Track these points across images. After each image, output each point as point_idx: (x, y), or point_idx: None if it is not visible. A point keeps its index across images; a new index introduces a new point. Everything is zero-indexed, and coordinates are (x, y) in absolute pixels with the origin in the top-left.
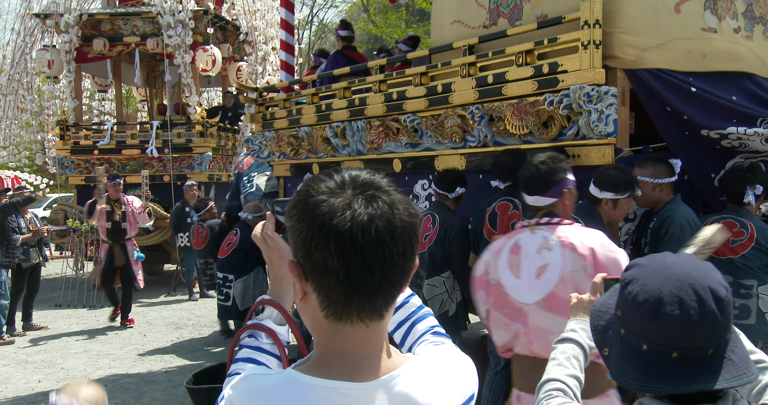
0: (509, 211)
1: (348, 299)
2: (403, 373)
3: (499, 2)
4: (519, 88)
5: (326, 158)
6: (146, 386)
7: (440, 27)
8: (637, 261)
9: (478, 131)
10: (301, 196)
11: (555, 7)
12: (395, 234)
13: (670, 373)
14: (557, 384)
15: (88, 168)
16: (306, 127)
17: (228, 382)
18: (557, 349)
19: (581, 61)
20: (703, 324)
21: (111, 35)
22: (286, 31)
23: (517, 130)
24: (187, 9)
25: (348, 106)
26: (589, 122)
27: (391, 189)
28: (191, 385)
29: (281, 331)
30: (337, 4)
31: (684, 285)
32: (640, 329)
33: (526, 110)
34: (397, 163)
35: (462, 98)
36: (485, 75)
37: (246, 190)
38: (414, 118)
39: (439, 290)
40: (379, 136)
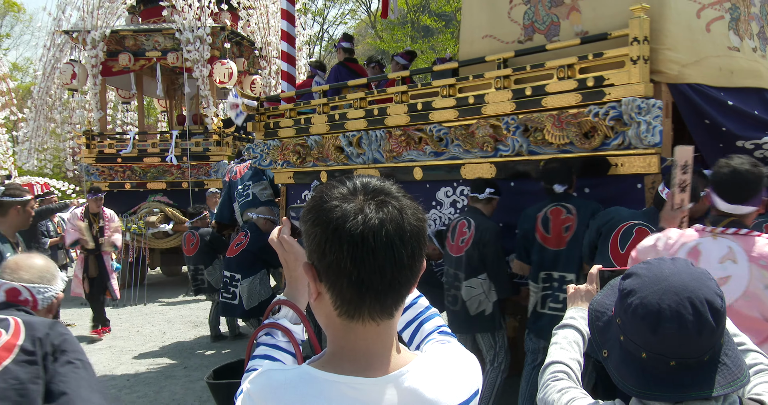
0: (562, 216)
1: (360, 299)
2: (412, 370)
3: (534, 19)
4: (560, 100)
5: (336, 166)
6: (166, 381)
7: (470, 41)
8: (635, 269)
9: (512, 141)
10: (315, 202)
11: (597, 24)
12: (404, 237)
13: (668, 381)
14: (562, 366)
15: (112, 175)
16: (316, 136)
17: (246, 377)
18: (558, 334)
19: (630, 75)
20: (701, 336)
21: (134, 50)
22: (287, 43)
23: (557, 140)
24: (206, 26)
25: (365, 116)
26: (639, 133)
27: (400, 195)
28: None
29: (296, 329)
30: (346, 21)
31: (682, 298)
32: (640, 339)
33: (568, 121)
34: (417, 171)
35: (496, 109)
36: (523, 87)
37: (242, 199)
38: (441, 128)
39: (476, 291)
40: (399, 145)
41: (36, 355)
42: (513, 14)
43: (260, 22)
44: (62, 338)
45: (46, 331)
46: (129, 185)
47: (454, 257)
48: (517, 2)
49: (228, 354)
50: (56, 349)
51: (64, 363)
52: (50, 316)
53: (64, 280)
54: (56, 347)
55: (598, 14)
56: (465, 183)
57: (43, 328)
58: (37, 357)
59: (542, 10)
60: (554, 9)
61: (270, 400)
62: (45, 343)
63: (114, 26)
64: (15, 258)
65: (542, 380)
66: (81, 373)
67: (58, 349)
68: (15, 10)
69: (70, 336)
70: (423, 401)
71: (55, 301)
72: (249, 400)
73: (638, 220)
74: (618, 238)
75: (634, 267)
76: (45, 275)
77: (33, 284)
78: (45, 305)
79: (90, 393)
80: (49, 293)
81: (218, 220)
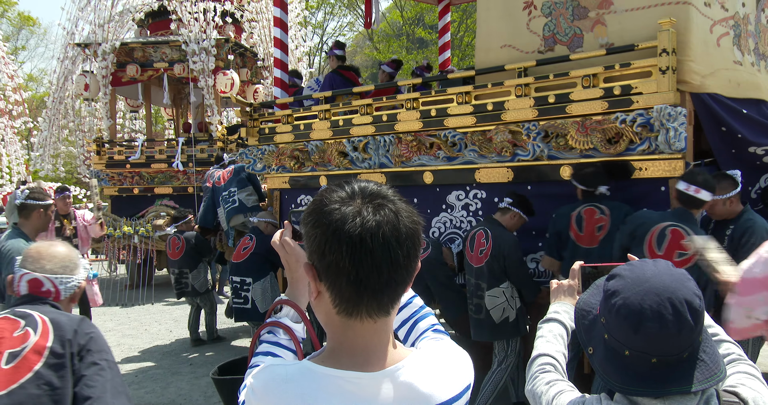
0: (595, 215)
1: (358, 297)
2: (407, 365)
3: (555, 31)
4: (585, 107)
5: (338, 171)
6: (173, 377)
7: (486, 50)
8: (619, 271)
9: (533, 146)
10: (315, 205)
11: (623, 36)
12: (400, 238)
13: (650, 377)
14: (549, 359)
15: (121, 180)
16: (317, 141)
17: (249, 372)
18: (544, 328)
19: (659, 84)
20: (680, 335)
21: (142, 62)
22: (280, 50)
23: (580, 145)
24: (210, 38)
25: (373, 122)
26: (668, 139)
27: (395, 199)
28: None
29: (297, 328)
30: (344, 33)
31: (663, 299)
32: (623, 338)
33: (593, 127)
34: (428, 175)
35: (517, 116)
36: (545, 95)
37: (228, 205)
38: (456, 134)
39: (500, 300)
40: (410, 150)
41: (65, 357)
42: (532, 26)
43: (262, 34)
44: (88, 337)
45: (73, 331)
46: (137, 190)
47: (475, 268)
48: (536, 14)
49: (235, 349)
50: (82, 348)
51: (90, 364)
52: (72, 305)
53: (86, 267)
54: (82, 347)
55: (624, 28)
56: (478, 187)
57: (71, 328)
58: (66, 359)
59: (564, 22)
60: (577, 22)
61: (272, 394)
62: (73, 344)
63: (123, 39)
64: (37, 246)
65: (530, 372)
66: (106, 375)
67: (84, 348)
68: (30, 24)
69: (97, 334)
70: (418, 395)
71: (77, 291)
72: (252, 394)
73: (669, 222)
74: (653, 240)
75: (618, 269)
76: (68, 265)
77: (56, 275)
78: (67, 295)
79: (114, 397)
80: (71, 283)
81: (202, 224)
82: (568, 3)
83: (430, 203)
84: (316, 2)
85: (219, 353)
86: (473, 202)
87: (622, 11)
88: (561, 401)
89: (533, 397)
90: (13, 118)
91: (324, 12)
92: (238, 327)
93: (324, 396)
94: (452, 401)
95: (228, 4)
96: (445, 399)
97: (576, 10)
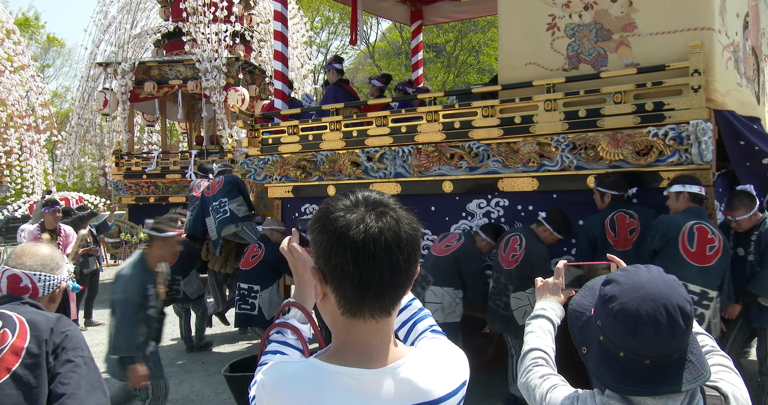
0: (626, 220)
1: (361, 298)
2: (407, 362)
3: (579, 50)
4: (617, 121)
5: (348, 180)
6: (185, 375)
7: (510, 67)
8: (614, 277)
9: (561, 157)
10: (322, 213)
11: (648, 58)
12: (401, 244)
13: (643, 377)
14: (541, 353)
15: (138, 190)
16: (328, 152)
17: (259, 370)
18: (533, 323)
19: (692, 101)
20: (673, 338)
21: (158, 79)
22: (280, 62)
23: (611, 156)
24: (222, 57)
25: (391, 133)
26: (701, 151)
27: (397, 207)
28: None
29: (304, 328)
30: (347, 51)
31: (658, 305)
32: (619, 341)
33: (624, 140)
34: (447, 184)
35: (545, 129)
36: (575, 109)
37: (219, 215)
38: (480, 145)
39: (523, 303)
40: (429, 160)
41: (40, 356)
42: (556, 45)
43: (270, 53)
44: (64, 335)
45: (49, 329)
46: (153, 199)
47: (505, 269)
48: (560, 35)
49: (244, 348)
50: (57, 346)
51: (64, 362)
52: (53, 305)
53: (70, 271)
54: (57, 345)
55: (649, 50)
56: (501, 195)
57: (47, 327)
58: (41, 359)
59: (588, 43)
60: (601, 43)
61: (281, 389)
62: (48, 343)
63: (141, 58)
64: (22, 245)
65: (523, 366)
66: (80, 372)
67: (59, 346)
68: (57, 45)
69: (73, 331)
70: (417, 390)
71: (57, 291)
72: (262, 389)
73: (693, 221)
74: (685, 239)
75: (614, 274)
76: (48, 263)
77: (34, 272)
78: (45, 293)
79: (89, 394)
80: (50, 282)
81: (190, 233)
82: (592, 26)
83: (449, 211)
84: (320, 23)
85: (229, 353)
86: (495, 210)
87: (647, 35)
88: (555, 395)
89: (527, 389)
90: (40, 132)
91: (327, 31)
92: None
93: (329, 391)
94: (449, 396)
95: (238, 25)
96: (443, 394)
97: (599, 32)
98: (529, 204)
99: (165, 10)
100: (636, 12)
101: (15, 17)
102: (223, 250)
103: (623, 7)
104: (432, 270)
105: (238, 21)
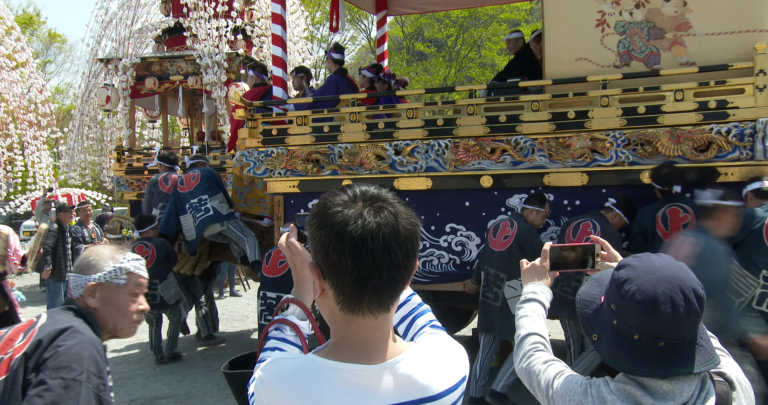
0: (680, 214)
1: (360, 294)
2: (407, 358)
3: (630, 48)
4: (678, 118)
5: (367, 174)
6: (188, 370)
7: (558, 62)
8: (627, 262)
9: (616, 152)
10: (320, 208)
11: (703, 57)
12: (399, 239)
13: (657, 359)
14: (540, 338)
15: (140, 186)
16: (347, 144)
17: (258, 366)
18: (526, 307)
19: (757, 100)
20: (689, 319)
21: (159, 75)
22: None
23: (670, 152)
24: (223, 52)
25: (425, 126)
26: (766, 147)
27: (395, 202)
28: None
29: (303, 325)
30: (347, 46)
31: (674, 286)
32: (634, 322)
33: (685, 136)
34: (486, 179)
35: (602, 124)
36: (632, 106)
37: (201, 214)
38: (527, 140)
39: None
40: (468, 155)
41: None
42: (606, 42)
43: (271, 49)
44: (53, 351)
45: (37, 342)
46: None
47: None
48: (610, 32)
49: (246, 344)
50: (41, 363)
51: (37, 383)
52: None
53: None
54: (43, 361)
55: (704, 50)
56: (546, 190)
57: (43, 340)
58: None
59: (639, 41)
60: (653, 41)
61: (279, 385)
62: (31, 358)
63: (142, 54)
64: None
65: (522, 350)
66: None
67: (43, 362)
68: (58, 41)
69: (68, 347)
70: (417, 386)
71: (86, 292)
72: (261, 385)
73: None
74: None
75: (626, 259)
76: (81, 265)
77: (73, 274)
78: (77, 295)
79: None
80: (78, 282)
81: (163, 232)
82: (643, 24)
83: (486, 206)
84: (320, 18)
85: (231, 348)
86: None
87: (702, 35)
88: (563, 382)
89: (528, 374)
90: (41, 128)
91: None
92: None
93: (328, 387)
94: (449, 392)
95: (239, 20)
96: (442, 390)
97: (651, 31)
98: (576, 199)
99: (165, 5)
100: (690, 12)
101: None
102: (197, 250)
103: (677, 7)
104: (502, 266)
105: (239, 16)
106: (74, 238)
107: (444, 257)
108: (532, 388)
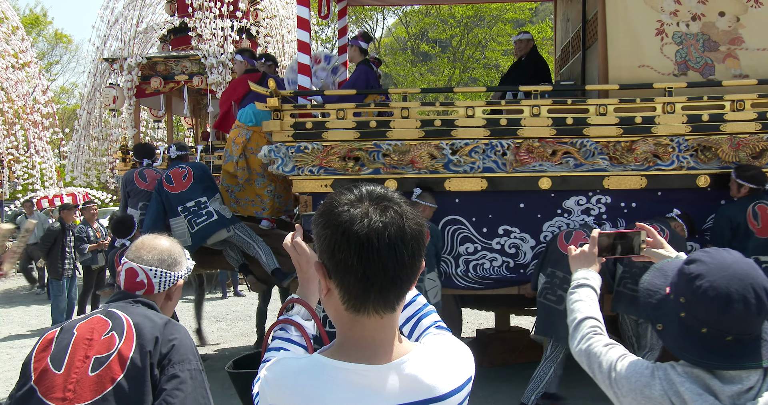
0: (767, 211)
1: (365, 294)
2: (412, 358)
3: (687, 58)
4: (739, 126)
5: (414, 174)
6: None
7: (619, 68)
8: (698, 256)
9: (677, 157)
10: (326, 208)
11: (756, 70)
12: (405, 239)
13: (724, 353)
14: (597, 322)
15: None
16: (396, 142)
17: (263, 366)
18: (580, 292)
19: None
20: (759, 316)
21: (164, 74)
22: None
23: (729, 158)
24: (227, 52)
25: (487, 125)
26: None
27: (401, 201)
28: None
29: (308, 325)
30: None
31: (746, 284)
32: (705, 317)
33: (744, 144)
34: (546, 181)
35: (668, 130)
36: (696, 113)
37: (202, 219)
38: (592, 142)
39: None
40: (530, 156)
41: (145, 369)
42: (665, 50)
43: (276, 48)
44: (170, 345)
45: (154, 339)
46: None
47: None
48: (668, 41)
49: (251, 344)
50: (163, 358)
51: (170, 377)
52: (170, 303)
53: (189, 268)
54: (163, 356)
55: (757, 63)
56: (603, 192)
57: (152, 336)
58: (146, 372)
59: (695, 52)
60: (708, 53)
61: (284, 385)
62: (153, 354)
63: (148, 54)
64: (142, 238)
65: (580, 333)
66: (186, 389)
67: (166, 357)
68: (64, 41)
69: (181, 339)
70: (422, 386)
71: (173, 288)
72: (266, 385)
73: None
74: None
75: (696, 254)
76: (165, 258)
77: (150, 267)
78: (161, 290)
79: None
80: (165, 278)
81: None
82: (699, 36)
83: (542, 208)
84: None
85: (235, 348)
86: (596, 207)
87: (754, 49)
88: (628, 365)
89: (588, 356)
90: (45, 128)
91: (333, 28)
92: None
93: (333, 387)
94: (455, 393)
95: (244, 20)
96: (448, 390)
97: (706, 43)
98: (633, 201)
99: (171, 5)
100: (743, 28)
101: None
102: None
103: (731, 22)
104: None
105: (244, 16)
106: (78, 237)
107: (497, 260)
108: (591, 371)
